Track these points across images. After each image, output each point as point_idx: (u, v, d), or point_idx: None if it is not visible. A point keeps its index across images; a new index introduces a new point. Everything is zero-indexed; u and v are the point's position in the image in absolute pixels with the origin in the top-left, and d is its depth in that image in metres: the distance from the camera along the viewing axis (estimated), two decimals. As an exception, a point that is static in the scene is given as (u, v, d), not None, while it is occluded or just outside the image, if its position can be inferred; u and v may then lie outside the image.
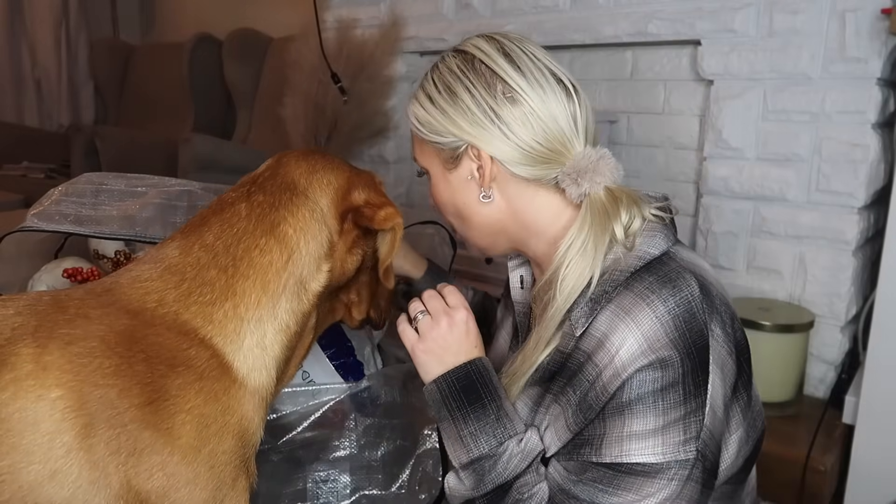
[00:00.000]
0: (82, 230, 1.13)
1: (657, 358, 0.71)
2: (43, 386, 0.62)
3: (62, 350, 0.64)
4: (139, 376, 0.65)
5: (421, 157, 0.91)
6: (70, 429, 0.62)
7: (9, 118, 4.29)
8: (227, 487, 0.69)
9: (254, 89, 3.58)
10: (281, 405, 1.17)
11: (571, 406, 0.77)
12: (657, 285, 0.74)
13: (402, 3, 2.32)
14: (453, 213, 0.90)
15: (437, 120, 0.84)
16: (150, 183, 1.25)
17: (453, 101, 0.82)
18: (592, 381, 0.75)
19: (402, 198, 2.52)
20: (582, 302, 0.77)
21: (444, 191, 0.89)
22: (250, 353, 0.73)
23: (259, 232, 0.75)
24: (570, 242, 0.80)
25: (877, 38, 1.49)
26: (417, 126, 0.87)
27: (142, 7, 4.75)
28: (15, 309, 0.67)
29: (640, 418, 0.72)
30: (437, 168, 0.88)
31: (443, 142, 0.84)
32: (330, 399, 1.19)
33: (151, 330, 0.68)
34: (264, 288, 0.74)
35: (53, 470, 0.61)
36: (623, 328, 0.73)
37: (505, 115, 0.80)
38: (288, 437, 1.17)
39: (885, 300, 1.40)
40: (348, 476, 1.22)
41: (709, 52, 1.71)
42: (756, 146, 1.68)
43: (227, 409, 0.69)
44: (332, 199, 0.81)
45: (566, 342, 0.80)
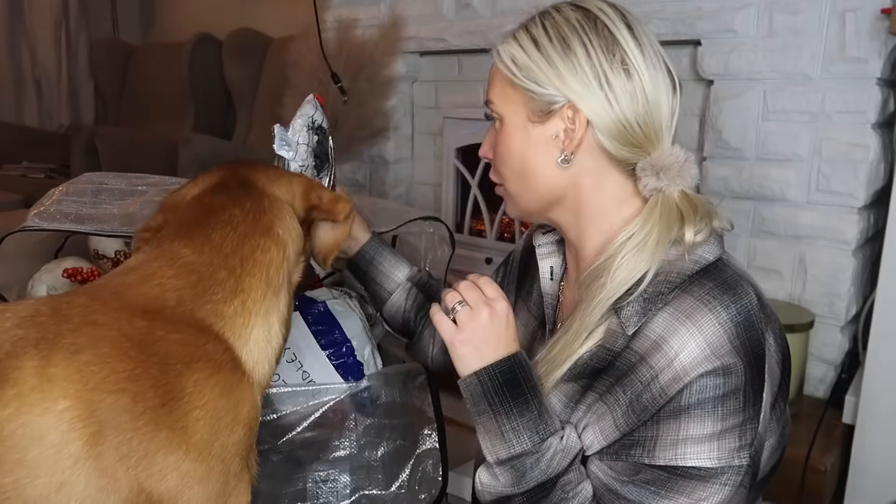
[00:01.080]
0: (83, 229, 1.13)
1: (721, 365, 0.71)
2: (49, 399, 0.61)
3: (68, 360, 0.63)
4: (153, 379, 0.65)
5: (501, 101, 0.84)
6: (78, 439, 0.61)
7: (9, 118, 4.29)
8: (235, 479, 0.70)
9: (254, 89, 3.58)
10: (281, 405, 1.17)
11: (621, 406, 0.75)
12: (718, 291, 0.73)
13: (402, 3, 2.32)
14: (517, 168, 0.85)
15: (540, 68, 0.79)
16: (150, 182, 1.26)
17: (566, 54, 0.78)
18: (647, 382, 0.73)
19: (402, 198, 2.52)
20: (633, 300, 0.76)
21: (517, 143, 0.83)
22: (256, 345, 0.76)
23: (258, 233, 0.81)
24: (631, 233, 0.78)
25: (877, 38, 1.49)
26: (512, 68, 0.81)
27: (142, 7, 4.75)
28: (14, 321, 0.66)
29: (698, 423, 0.71)
30: (518, 118, 0.83)
31: (539, 92, 0.79)
32: (330, 399, 1.19)
33: (172, 328, 0.70)
34: (269, 283, 0.79)
35: (60, 482, 0.60)
36: (684, 332, 0.72)
37: (616, 83, 0.77)
38: (288, 437, 1.17)
39: (885, 300, 1.40)
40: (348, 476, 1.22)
41: (709, 52, 1.71)
42: (756, 146, 1.68)
43: (239, 401, 0.71)
44: (299, 201, 0.89)
45: (613, 339, 0.78)
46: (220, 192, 0.84)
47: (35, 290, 1.26)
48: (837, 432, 1.52)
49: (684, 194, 0.79)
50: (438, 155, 2.43)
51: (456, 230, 2.33)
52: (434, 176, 2.47)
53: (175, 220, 0.82)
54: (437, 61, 2.37)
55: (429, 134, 2.47)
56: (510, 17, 2.08)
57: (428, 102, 2.45)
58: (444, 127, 2.36)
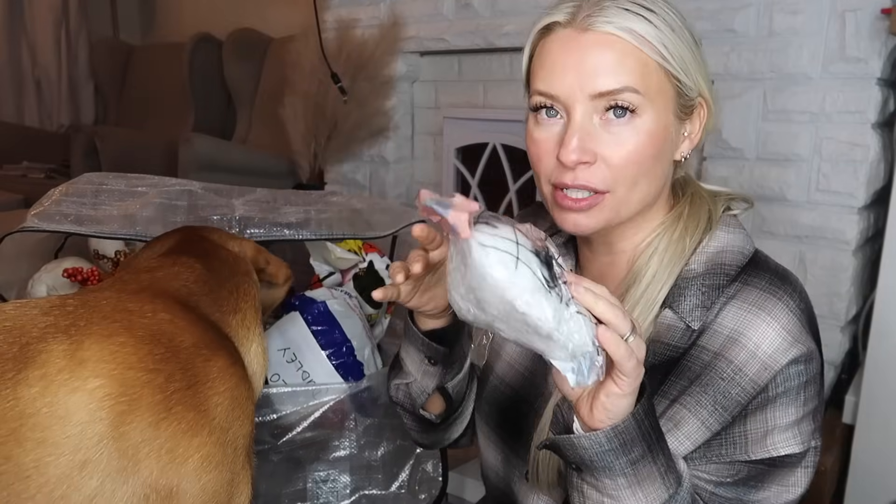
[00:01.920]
0: (83, 230, 1.13)
1: (805, 350, 0.71)
2: (79, 378, 0.63)
3: (100, 344, 0.65)
4: (183, 362, 0.69)
5: (649, 91, 0.70)
6: (105, 417, 0.62)
7: (9, 118, 4.29)
8: (244, 472, 0.72)
9: (254, 89, 3.58)
10: (281, 405, 1.17)
11: (705, 407, 0.72)
12: (779, 281, 0.74)
13: (402, 3, 2.32)
14: (643, 171, 0.73)
15: (687, 59, 0.72)
16: (150, 183, 1.26)
17: (697, 49, 0.74)
18: (731, 377, 0.71)
19: (402, 198, 2.52)
20: (691, 293, 0.74)
21: (658, 142, 0.73)
22: (254, 358, 0.84)
23: (241, 273, 0.92)
24: (668, 225, 0.77)
25: (877, 38, 1.49)
26: (663, 52, 0.70)
27: (142, 7, 4.75)
28: (41, 310, 0.68)
29: (783, 411, 0.71)
30: (667, 113, 0.73)
31: (687, 84, 0.73)
32: (330, 399, 1.19)
33: (198, 320, 0.75)
34: (255, 311, 0.88)
35: (84, 460, 0.61)
36: (760, 323, 0.71)
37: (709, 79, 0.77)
38: (288, 437, 1.17)
39: (885, 300, 1.40)
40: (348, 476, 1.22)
41: (709, 52, 1.71)
42: (756, 146, 1.68)
43: (249, 396, 0.75)
44: (251, 261, 0.99)
45: (671, 334, 0.75)
46: (199, 242, 0.94)
47: (35, 290, 1.26)
48: (837, 432, 1.52)
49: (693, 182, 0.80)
50: (438, 155, 2.43)
51: (456, 230, 2.33)
52: (434, 176, 2.47)
53: (169, 249, 0.92)
54: (437, 61, 2.37)
55: (429, 134, 2.47)
56: (510, 17, 2.08)
57: (428, 102, 2.45)
58: (444, 127, 2.35)
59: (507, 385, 0.91)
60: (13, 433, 0.60)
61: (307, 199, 1.34)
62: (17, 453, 0.59)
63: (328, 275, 1.39)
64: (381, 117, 2.41)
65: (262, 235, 1.20)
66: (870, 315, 1.46)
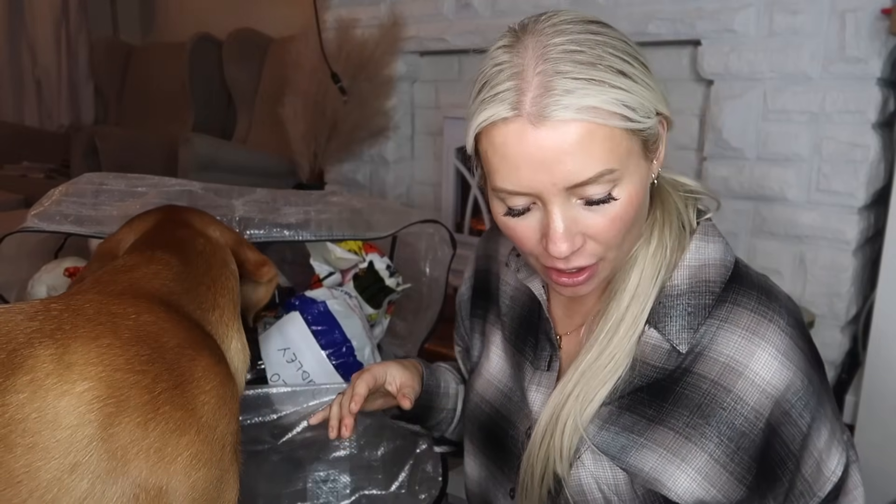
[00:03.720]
0: (83, 230, 1.13)
1: (803, 368, 0.70)
2: (67, 382, 0.63)
3: (87, 347, 0.66)
4: (169, 362, 0.69)
5: (623, 161, 0.65)
6: (94, 420, 0.62)
7: (9, 118, 4.29)
8: (231, 469, 0.72)
9: (254, 89, 3.58)
10: (281, 405, 1.17)
11: (711, 439, 0.70)
12: (765, 298, 0.73)
13: (402, 3, 2.32)
14: (634, 226, 0.71)
15: (645, 97, 0.66)
16: (150, 183, 1.26)
17: (647, 70, 0.67)
18: (731, 406, 0.70)
19: (402, 198, 2.52)
20: (675, 314, 0.72)
21: (643, 196, 0.70)
22: (235, 355, 0.83)
23: (219, 264, 0.90)
24: (647, 235, 0.74)
25: (877, 38, 1.49)
26: (628, 115, 0.64)
27: (142, 7, 4.75)
28: (26, 315, 0.68)
29: (817, 435, 0.72)
30: (639, 168, 0.68)
31: (651, 124, 0.67)
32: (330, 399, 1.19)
33: (180, 320, 0.75)
34: (234, 305, 0.87)
35: (74, 463, 0.61)
36: (755, 350, 0.70)
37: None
38: (288, 437, 1.17)
39: (885, 300, 1.40)
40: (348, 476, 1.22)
41: (709, 52, 1.71)
42: (756, 146, 1.68)
43: (234, 393, 0.75)
44: (231, 250, 0.96)
45: (657, 355, 0.73)
46: (177, 227, 0.92)
47: (35, 290, 1.26)
48: (837, 432, 1.52)
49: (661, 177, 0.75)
50: (438, 155, 2.43)
51: (456, 230, 2.33)
52: (434, 176, 2.47)
53: (144, 239, 0.91)
54: (437, 61, 2.37)
55: (429, 134, 2.47)
56: (510, 17, 2.07)
57: (428, 102, 2.45)
58: (444, 127, 2.35)
59: (486, 402, 0.90)
60: (2, 439, 0.60)
61: (307, 199, 1.34)
62: (8, 459, 0.59)
63: (328, 275, 1.39)
64: (381, 117, 2.41)
65: (262, 236, 1.20)
66: (870, 315, 1.46)
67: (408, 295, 1.45)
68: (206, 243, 0.91)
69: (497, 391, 0.89)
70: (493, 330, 0.94)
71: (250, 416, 1.15)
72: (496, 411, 0.88)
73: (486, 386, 0.91)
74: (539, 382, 0.83)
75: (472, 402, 0.93)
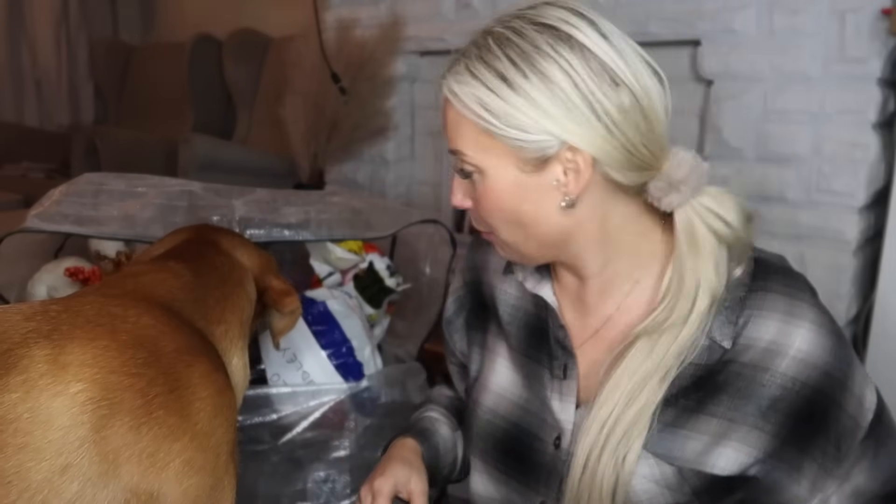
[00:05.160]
0: (83, 230, 1.13)
1: (834, 331, 0.72)
2: (61, 383, 0.63)
3: (83, 348, 0.65)
4: (165, 366, 0.68)
5: (478, 153, 0.71)
6: (87, 421, 0.62)
7: (9, 118, 4.29)
8: (227, 477, 0.72)
9: (254, 89, 3.58)
10: (281, 405, 1.17)
11: (751, 413, 0.71)
12: (790, 279, 0.74)
13: (402, 3, 2.32)
14: (512, 220, 0.74)
15: (522, 111, 0.67)
16: (150, 183, 1.26)
17: (548, 88, 0.66)
18: (770, 381, 0.71)
19: (402, 198, 2.52)
20: (718, 316, 0.73)
21: (509, 197, 0.72)
22: (236, 370, 0.83)
23: (233, 283, 0.90)
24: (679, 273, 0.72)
25: (877, 38, 1.49)
26: (485, 116, 0.68)
27: (142, 7, 4.75)
28: (24, 315, 0.68)
29: (853, 378, 0.73)
30: (505, 170, 0.71)
31: (527, 139, 0.68)
32: (330, 399, 1.19)
33: (180, 326, 0.74)
34: (242, 324, 0.87)
35: (65, 465, 0.61)
36: (799, 331, 0.71)
37: (611, 106, 0.66)
38: (288, 438, 1.17)
39: (885, 300, 1.40)
40: (348, 476, 1.22)
41: (709, 52, 1.71)
42: (756, 146, 1.68)
43: (231, 403, 0.74)
44: (255, 274, 0.96)
45: (701, 354, 0.73)
46: (200, 245, 0.93)
47: (35, 290, 1.26)
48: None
49: (707, 209, 0.72)
50: (438, 155, 2.43)
51: (456, 229, 2.33)
52: (434, 176, 2.47)
53: (165, 252, 0.91)
54: (437, 61, 2.37)
55: (429, 134, 2.47)
56: (510, 17, 2.08)
57: (428, 102, 2.45)
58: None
59: (500, 417, 0.87)
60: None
61: (307, 199, 1.34)
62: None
63: (328, 275, 1.39)
64: (381, 117, 2.41)
65: (262, 236, 1.20)
66: (870, 315, 1.46)
67: (408, 295, 1.45)
68: (224, 261, 0.91)
69: (512, 404, 0.86)
70: (497, 341, 0.91)
71: (250, 416, 1.15)
72: (514, 425, 0.85)
73: (498, 400, 0.88)
74: (560, 391, 0.81)
75: (483, 420, 0.89)
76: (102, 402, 0.63)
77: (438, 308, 1.41)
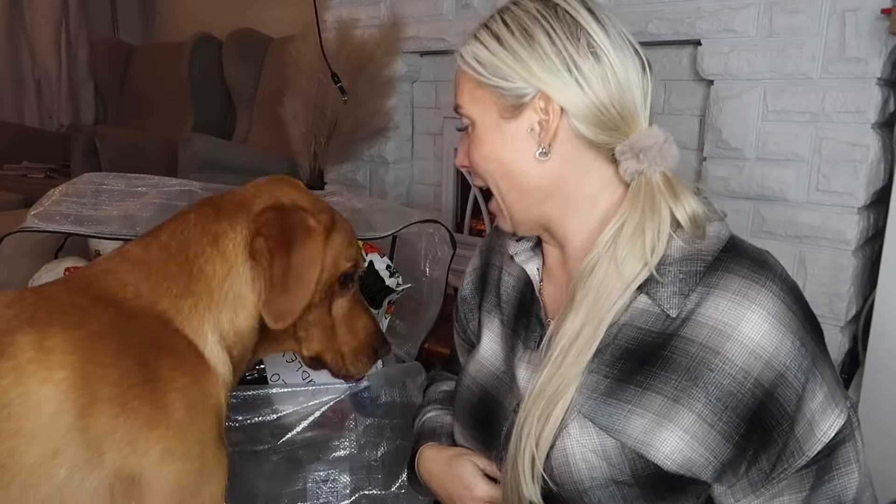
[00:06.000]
0: (82, 230, 1.13)
1: (797, 330, 0.72)
2: (47, 369, 0.64)
3: (64, 334, 0.66)
4: (136, 358, 0.69)
5: (471, 104, 0.82)
6: (71, 409, 0.64)
7: (9, 118, 4.29)
8: (213, 464, 0.73)
9: (254, 89, 3.58)
10: (281, 405, 1.17)
11: (698, 399, 0.72)
12: (758, 267, 0.74)
13: (402, 3, 2.32)
14: (497, 171, 0.82)
15: (504, 62, 0.77)
16: (150, 183, 1.26)
17: (529, 45, 0.77)
18: (719, 367, 0.71)
19: (402, 198, 2.52)
20: (667, 281, 0.74)
21: (492, 144, 0.81)
22: (214, 346, 0.79)
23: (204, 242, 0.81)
24: (622, 221, 0.76)
25: (877, 38, 1.49)
26: (477, 67, 0.79)
27: (142, 7, 4.75)
28: (3, 303, 0.69)
29: (812, 396, 0.72)
30: (490, 118, 0.81)
31: (507, 87, 0.78)
32: (330, 399, 1.19)
33: (136, 318, 0.73)
34: (214, 291, 0.80)
35: (55, 450, 0.63)
36: (745, 312, 0.71)
37: (585, 67, 0.75)
38: (288, 437, 1.17)
39: (885, 300, 1.40)
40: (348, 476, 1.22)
41: (709, 52, 1.71)
42: (756, 146, 1.68)
43: (207, 391, 0.75)
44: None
45: (647, 319, 0.75)
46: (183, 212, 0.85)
47: (35, 290, 1.25)
48: (837, 432, 1.52)
49: (665, 176, 0.77)
50: (438, 155, 2.43)
51: (456, 230, 2.33)
52: (434, 176, 2.47)
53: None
54: (437, 61, 2.37)
55: (429, 134, 2.47)
56: (510, 17, 2.08)
57: (428, 102, 2.45)
58: (444, 127, 2.35)
59: (478, 384, 0.92)
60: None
61: (307, 199, 1.33)
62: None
63: (328, 275, 1.39)
64: (381, 117, 2.41)
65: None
66: (870, 315, 1.46)
67: (408, 295, 1.45)
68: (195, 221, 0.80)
69: (488, 373, 0.91)
70: (490, 318, 0.96)
71: (250, 416, 1.15)
72: (485, 391, 0.90)
73: (479, 368, 0.93)
74: (529, 360, 0.85)
75: (464, 385, 0.94)
76: (83, 391, 0.65)
77: (438, 308, 1.41)
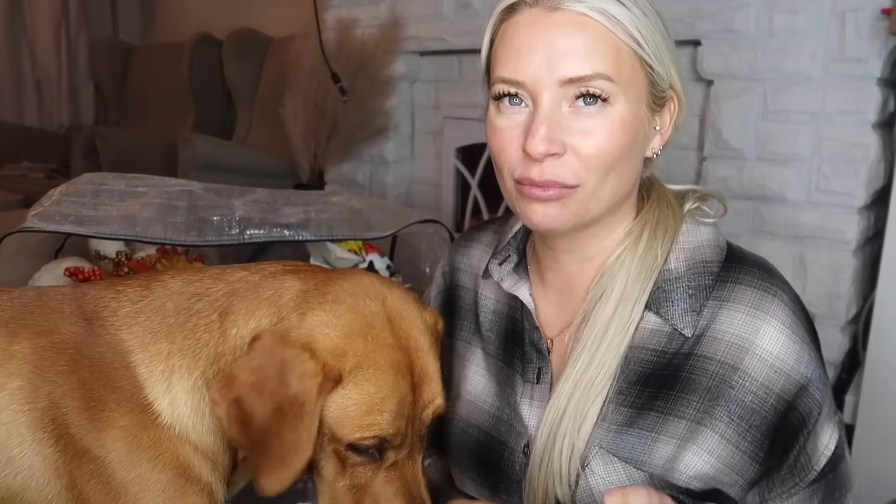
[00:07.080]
0: (83, 230, 1.13)
1: (809, 345, 0.70)
2: (6, 375, 0.64)
3: (30, 340, 0.66)
4: (83, 381, 0.65)
5: (622, 79, 0.66)
6: (26, 420, 0.64)
7: (9, 118, 4.29)
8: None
9: (254, 89, 3.58)
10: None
11: (721, 419, 0.68)
12: (765, 274, 0.72)
13: (402, 3, 2.32)
14: (611, 164, 0.67)
15: (661, 47, 0.68)
16: (150, 183, 1.26)
17: (670, 39, 0.70)
18: (739, 384, 0.68)
19: (402, 198, 2.52)
20: (677, 297, 0.70)
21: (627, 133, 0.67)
22: (177, 405, 0.67)
23: (210, 316, 0.70)
24: (633, 238, 0.73)
25: (877, 38, 1.49)
26: (639, 40, 0.66)
27: (142, 7, 4.75)
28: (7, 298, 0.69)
29: (826, 407, 0.71)
30: (638, 104, 0.68)
31: (662, 74, 0.69)
32: (330, 399, 1.19)
33: (95, 340, 0.67)
34: (197, 359, 0.68)
35: (9, 458, 0.63)
36: (763, 326, 0.68)
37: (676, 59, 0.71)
38: (288, 437, 1.16)
39: (885, 300, 1.40)
40: (348, 476, 1.22)
41: (709, 52, 1.71)
42: (756, 146, 1.68)
43: (157, 441, 0.65)
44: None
45: (656, 340, 0.71)
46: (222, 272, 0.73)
47: (35, 290, 1.26)
48: (837, 432, 1.52)
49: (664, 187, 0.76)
50: (438, 155, 2.43)
51: (456, 230, 2.33)
52: (434, 176, 2.47)
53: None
54: (437, 61, 2.37)
55: (429, 134, 2.47)
56: (510, 17, 2.08)
57: (428, 102, 2.45)
58: (444, 127, 2.35)
59: (474, 427, 0.84)
60: None
61: (307, 199, 1.34)
62: None
63: (328, 275, 1.39)
64: (381, 117, 2.41)
65: (262, 236, 1.20)
66: (870, 315, 1.46)
67: (408, 295, 1.45)
68: (212, 291, 0.70)
69: (484, 413, 0.83)
70: (469, 348, 0.87)
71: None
72: (486, 434, 0.82)
73: (471, 409, 0.84)
74: (532, 396, 0.78)
75: (457, 429, 0.85)
76: (35, 405, 0.64)
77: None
